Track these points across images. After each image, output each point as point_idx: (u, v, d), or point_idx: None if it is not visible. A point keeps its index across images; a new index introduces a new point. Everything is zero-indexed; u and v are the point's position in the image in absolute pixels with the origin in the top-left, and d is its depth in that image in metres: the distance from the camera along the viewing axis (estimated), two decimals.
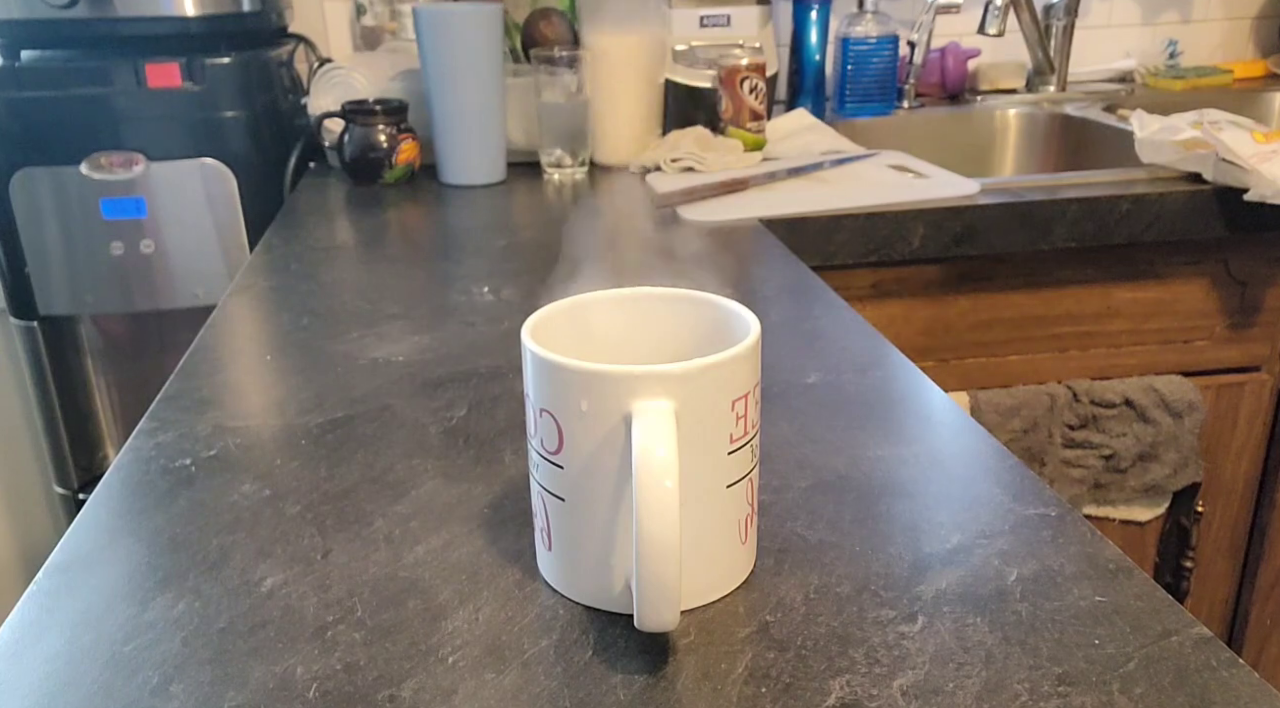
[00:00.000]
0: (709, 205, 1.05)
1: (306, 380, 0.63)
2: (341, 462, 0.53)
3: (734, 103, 1.27)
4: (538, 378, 0.38)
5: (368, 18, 1.46)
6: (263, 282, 0.85)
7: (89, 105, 1.17)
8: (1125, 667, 0.36)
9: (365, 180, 1.18)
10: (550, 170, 1.21)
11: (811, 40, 1.45)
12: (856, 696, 0.35)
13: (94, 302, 1.24)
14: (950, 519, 0.46)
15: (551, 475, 0.39)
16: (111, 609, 0.41)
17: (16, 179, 1.18)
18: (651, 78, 1.26)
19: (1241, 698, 0.34)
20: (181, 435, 0.56)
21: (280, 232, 1.01)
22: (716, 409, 0.38)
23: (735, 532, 0.41)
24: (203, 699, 0.36)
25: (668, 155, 1.19)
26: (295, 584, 0.42)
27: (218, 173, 1.20)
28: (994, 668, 0.36)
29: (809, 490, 0.49)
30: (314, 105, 1.24)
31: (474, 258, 0.91)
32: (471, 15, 1.13)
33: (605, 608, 0.40)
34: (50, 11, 1.12)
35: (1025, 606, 0.40)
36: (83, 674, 0.37)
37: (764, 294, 0.62)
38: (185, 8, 1.16)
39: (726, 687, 0.36)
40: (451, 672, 0.37)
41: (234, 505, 0.49)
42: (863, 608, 0.40)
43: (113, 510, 0.49)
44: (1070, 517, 0.46)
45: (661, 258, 0.90)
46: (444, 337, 0.70)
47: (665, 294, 0.45)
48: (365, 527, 0.46)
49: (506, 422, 0.57)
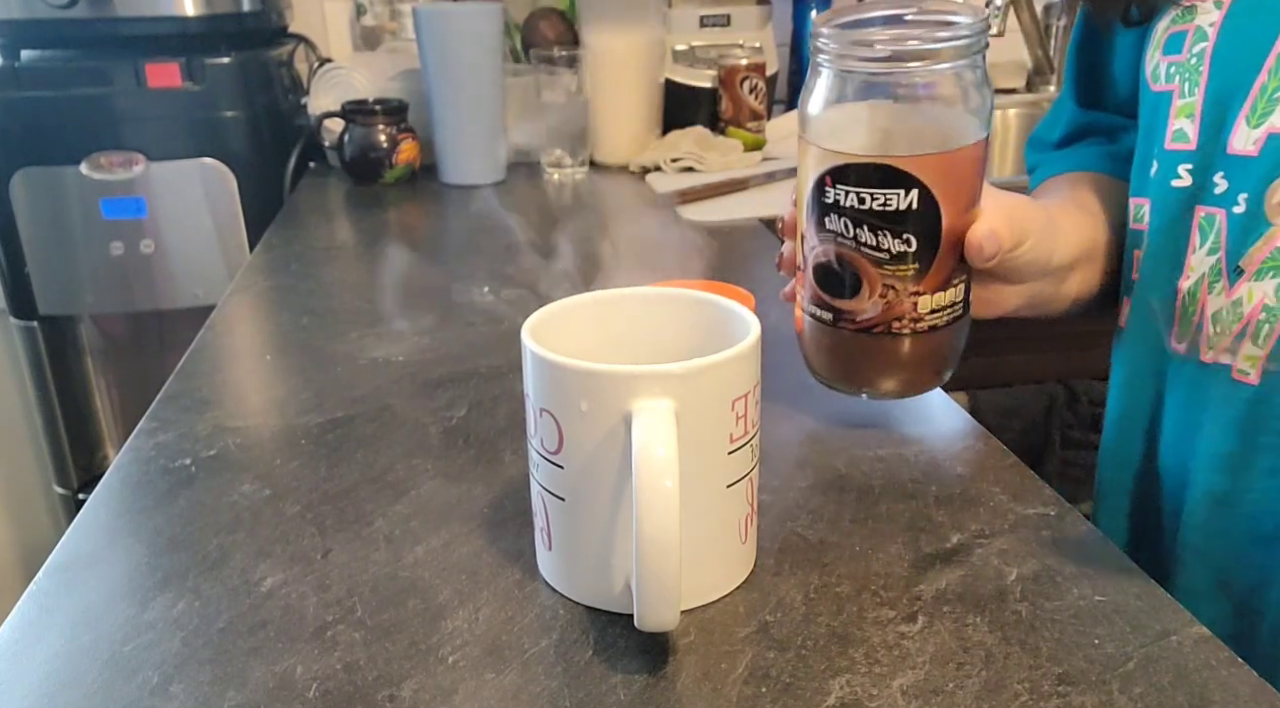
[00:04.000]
0: (709, 205, 1.05)
1: (306, 380, 0.63)
2: (341, 462, 0.53)
3: (734, 103, 1.27)
4: (538, 378, 0.38)
5: (368, 18, 1.46)
6: (263, 282, 0.85)
7: (89, 105, 1.17)
8: (1125, 666, 0.36)
9: (365, 180, 1.18)
10: (550, 170, 1.21)
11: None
12: (856, 696, 0.35)
13: (94, 302, 1.24)
14: (950, 519, 0.46)
15: (551, 475, 0.39)
16: (111, 609, 0.41)
17: (16, 179, 1.18)
18: (651, 78, 1.26)
19: (1241, 697, 0.34)
20: (181, 435, 0.56)
21: (280, 232, 1.01)
22: (716, 409, 0.38)
23: (735, 532, 0.41)
24: (203, 699, 0.36)
25: (668, 155, 1.19)
26: (295, 584, 0.42)
27: (218, 173, 1.20)
28: (994, 668, 0.36)
29: (809, 490, 0.49)
30: (314, 105, 1.24)
31: (474, 258, 0.91)
32: (471, 15, 1.13)
33: (605, 608, 0.40)
34: (50, 11, 1.12)
35: (1025, 605, 0.40)
36: (83, 674, 0.37)
37: (764, 294, 0.62)
38: (185, 8, 1.16)
39: (726, 687, 0.36)
40: (451, 672, 0.37)
41: (234, 505, 0.49)
42: (863, 608, 0.40)
43: (113, 510, 0.49)
44: (1070, 517, 0.46)
45: (661, 258, 0.90)
46: (444, 337, 0.70)
47: (665, 294, 0.45)
48: (365, 527, 0.46)
49: (506, 422, 0.57)
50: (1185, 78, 0.53)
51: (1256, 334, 0.50)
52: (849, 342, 0.50)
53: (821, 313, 0.50)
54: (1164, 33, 0.55)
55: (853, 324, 0.49)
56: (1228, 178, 0.51)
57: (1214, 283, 0.52)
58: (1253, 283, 0.50)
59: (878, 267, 0.47)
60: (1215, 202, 0.52)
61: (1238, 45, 0.51)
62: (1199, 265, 0.52)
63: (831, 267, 0.48)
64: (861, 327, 0.49)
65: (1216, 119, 0.52)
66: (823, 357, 0.53)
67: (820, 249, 0.49)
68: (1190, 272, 0.53)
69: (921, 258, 0.47)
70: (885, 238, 0.47)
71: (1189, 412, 0.55)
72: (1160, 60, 0.55)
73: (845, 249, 0.48)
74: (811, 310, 0.51)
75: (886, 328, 0.49)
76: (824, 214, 0.48)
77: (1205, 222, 0.52)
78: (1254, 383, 0.50)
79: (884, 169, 0.46)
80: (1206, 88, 0.52)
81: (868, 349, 0.50)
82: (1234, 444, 0.52)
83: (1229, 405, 0.51)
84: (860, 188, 0.46)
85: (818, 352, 0.53)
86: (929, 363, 0.51)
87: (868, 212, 0.46)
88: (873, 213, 0.46)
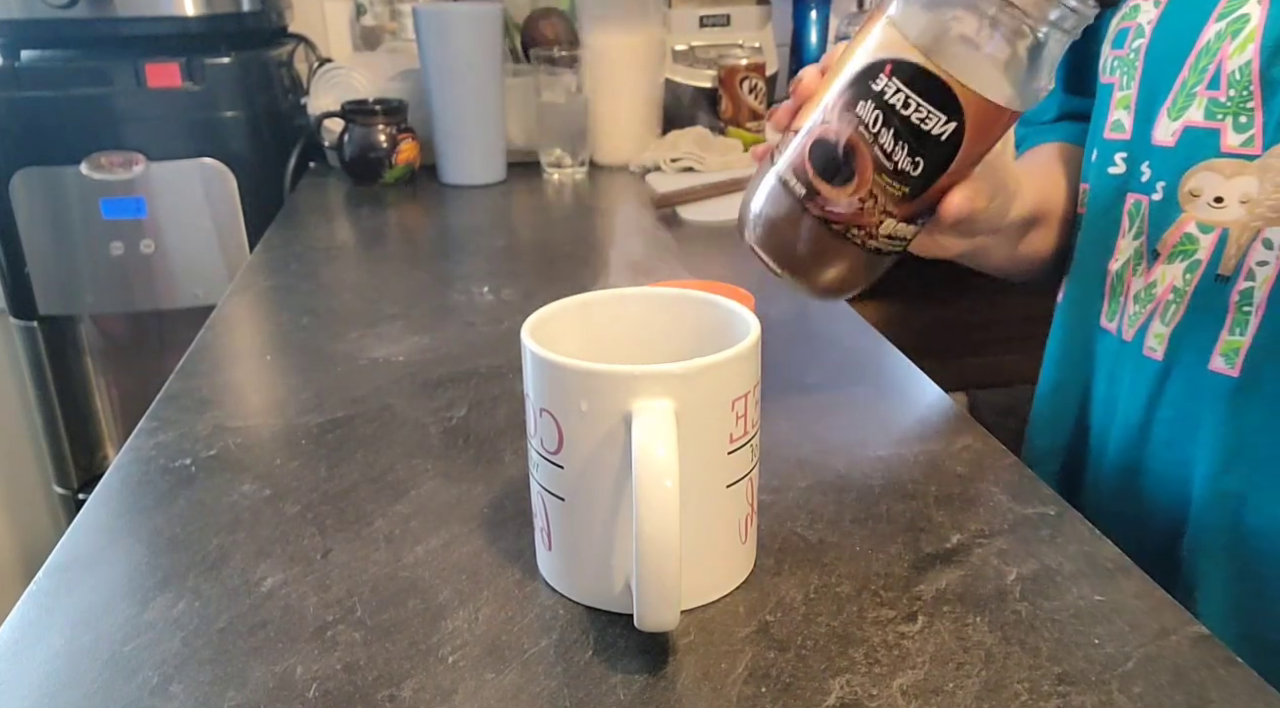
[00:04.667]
0: (709, 205, 1.05)
1: (306, 380, 0.63)
2: (341, 462, 0.53)
3: (734, 103, 1.27)
4: (538, 378, 0.38)
5: (368, 18, 1.46)
6: (263, 282, 0.85)
7: (89, 105, 1.17)
8: (1124, 666, 0.36)
9: (365, 180, 1.18)
10: (550, 170, 1.21)
11: (811, 40, 1.45)
12: (856, 695, 0.35)
13: (94, 302, 1.24)
14: (950, 519, 0.46)
15: (551, 475, 0.39)
16: (111, 609, 0.41)
17: (16, 179, 1.18)
18: (651, 78, 1.26)
19: (1239, 697, 0.34)
20: (181, 435, 0.56)
21: (280, 232, 1.01)
22: (716, 409, 0.38)
23: (735, 532, 0.41)
24: (203, 699, 0.36)
25: (667, 155, 1.19)
26: (295, 584, 0.42)
27: (218, 173, 1.20)
28: (994, 668, 0.36)
29: (809, 490, 0.49)
30: (314, 105, 1.24)
31: (474, 258, 0.92)
32: (471, 15, 1.13)
33: (605, 608, 0.40)
34: (50, 11, 1.12)
35: (1025, 605, 0.40)
36: (83, 674, 0.37)
37: (764, 294, 0.62)
38: (185, 8, 1.16)
39: (726, 687, 0.36)
40: (451, 672, 0.37)
41: (234, 505, 0.49)
42: (863, 608, 0.40)
43: (113, 511, 0.49)
44: (1069, 516, 0.46)
45: (661, 258, 0.90)
46: (444, 337, 0.70)
47: (665, 294, 0.45)
48: (365, 527, 0.46)
49: (506, 422, 0.57)
50: (1124, 71, 0.57)
51: (1165, 314, 0.54)
52: (802, 224, 0.48)
53: (795, 184, 0.48)
54: (1114, 28, 0.58)
55: (818, 210, 0.48)
56: (1151, 167, 0.55)
57: (1136, 265, 0.56)
58: (1165, 265, 0.54)
59: (877, 172, 0.46)
60: (1141, 189, 0.56)
61: (1167, 42, 0.54)
62: (1126, 249, 0.57)
63: (834, 148, 0.46)
64: (825, 217, 0.48)
65: (1146, 111, 0.55)
66: (767, 224, 0.50)
67: (834, 127, 0.46)
68: (1119, 255, 0.57)
69: (914, 184, 0.46)
70: (901, 150, 0.45)
71: (1110, 386, 0.59)
72: (1109, 54, 0.59)
73: (859, 139, 0.46)
74: (786, 177, 0.49)
75: (845, 230, 0.48)
76: (861, 97, 0.45)
77: (1134, 208, 0.56)
78: (1159, 359, 0.54)
79: (947, 90, 0.44)
80: (1140, 82, 0.56)
81: (816, 239, 0.49)
82: (1140, 417, 0.56)
83: (1138, 381, 0.56)
84: (913, 93, 0.44)
85: (766, 219, 0.50)
86: (853, 279, 0.51)
87: (904, 118, 0.44)
88: (907, 122, 0.44)
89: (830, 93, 0.47)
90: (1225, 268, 0.51)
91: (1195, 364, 0.52)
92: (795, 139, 0.48)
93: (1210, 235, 0.51)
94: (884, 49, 0.45)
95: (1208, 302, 0.51)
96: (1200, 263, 0.52)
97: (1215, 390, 0.52)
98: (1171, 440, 0.54)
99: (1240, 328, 0.50)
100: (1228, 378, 0.51)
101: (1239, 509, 0.52)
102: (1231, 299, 0.50)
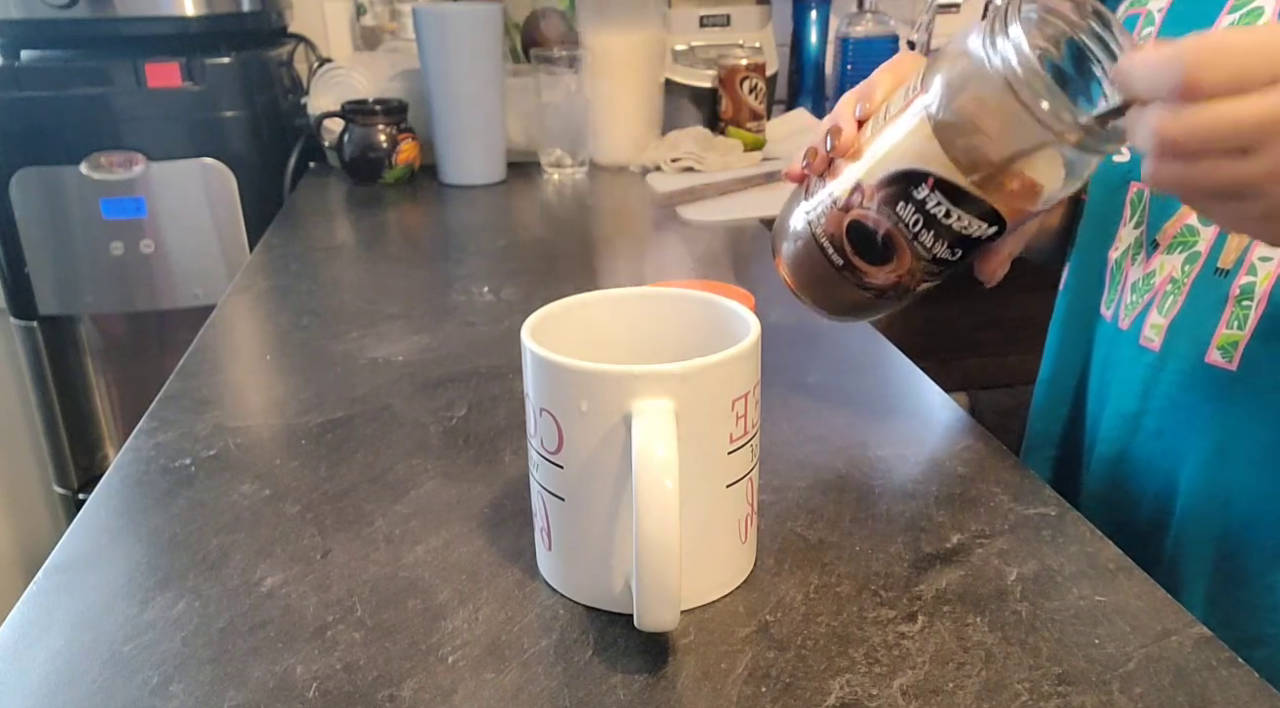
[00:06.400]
0: (709, 205, 1.05)
1: (306, 380, 0.63)
2: (341, 462, 0.53)
3: (734, 103, 1.27)
4: (537, 378, 0.38)
5: (368, 18, 1.46)
6: (263, 282, 0.85)
7: (89, 105, 1.17)
8: (1125, 666, 0.36)
9: (365, 180, 1.18)
10: (550, 170, 1.21)
11: (811, 40, 1.45)
12: (856, 695, 0.35)
13: (94, 302, 1.24)
14: (950, 519, 0.46)
15: (551, 475, 0.39)
16: (111, 609, 0.41)
17: (16, 179, 1.18)
18: (651, 78, 1.26)
19: (1241, 697, 0.34)
20: (181, 435, 0.56)
21: (280, 232, 1.01)
22: (716, 409, 0.38)
23: (735, 532, 0.41)
24: (203, 699, 0.36)
25: (668, 155, 1.19)
26: (295, 584, 0.42)
27: (218, 173, 1.20)
28: (994, 668, 0.36)
29: (809, 490, 0.49)
30: (314, 105, 1.24)
31: (474, 258, 0.91)
32: (471, 15, 1.13)
33: (605, 608, 0.40)
34: (50, 11, 1.12)
35: (1025, 605, 0.40)
36: (82, 674, 0.37)
37: (764, 294, 0.62)
38: (185, 8, 1.16)
39: (726, 687, 0.36)
40: (451, 672, 0.37)
41: (234, 505, 0.49)
42: (863, 608, 0.40)
43: (113, 510, 0.49)
44: (1070, 517, 0.46)
45: (661, 258, 0.90)
46: (444, 337, 0.70)
47: (665, 294, 0.45)
48: (365, 527, 0.46)
49: (506, 422, 0.57)
50: None
51: (1162, 304, 0.53)
52: (838, 281, 0.49)
53: (833, 253, 0.48)
54: (1123, 14, 0.58)
55: (855, 280, 0.48)
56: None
57: (1135, 255, 0.56)
58: (1164, 256, 0.53)
59: (915, 259, 0.46)
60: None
61: (1178, 31, 0.53)
62: (1126, 237, 0.57)
63: (873, 235, 0.46)
64: (861, 284, 0.48)
65: None
66: (800, 268, 0.50)
67: (873, 216, 0.46)
68: (1119, 243, 0.57)
69: (953, 266, 0.47)
70: (941, 245, 0.45)
71: (1106, 373, 0.59)
72: None
73: (899, 234, 0.45)
74: (823, 242, 0.48)
75: (880, 293, 0.48)
76: (902, 199, 0.44)
77: (1136, 197, 0.56)
78: (1156, 349, 0.54)
79: (990, 206, 0.43)
80: None
81: (850, 294, 0.49)
82: (1133, 405, 0.56)
83: (1133, 369, 0.56)
84: (956, 206, 0.43)
85: (799, 263, 0.50)
86: (877, 313, 0.52)
87: (945, 226, 0.44)
88: (949, 228, 0.44)
89: (869, 178, 0.46)
90: (1225, 261, 0.51)
91: (1191, 356, 0.52)
92: (833, 193, 0.47)
93: (1211, 228, 0.51)
94: (925, 160, 0.43)
95: (1206, 294, 0.51)
96: (1200, 255, 0.52)
97: (1210, 383, 0.52)
98: (1162, 430, 0.55)
99: (1239, 322, 0.50)
100: (1224, 371, 0.51)
101: (1226, 501, 0.52)
102: (1231, 293, 0.50)
